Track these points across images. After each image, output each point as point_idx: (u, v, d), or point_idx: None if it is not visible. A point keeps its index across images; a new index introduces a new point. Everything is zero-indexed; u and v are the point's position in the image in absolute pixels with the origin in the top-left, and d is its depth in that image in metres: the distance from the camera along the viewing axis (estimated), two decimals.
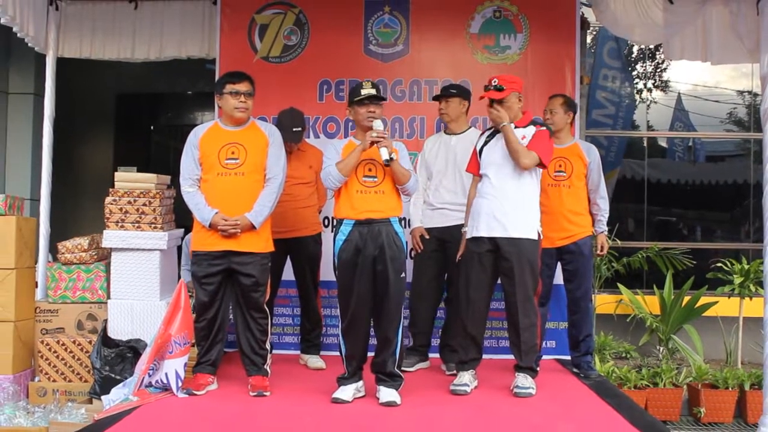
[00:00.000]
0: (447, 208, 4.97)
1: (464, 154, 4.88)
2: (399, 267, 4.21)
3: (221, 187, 4.35)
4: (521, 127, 4.53)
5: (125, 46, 6.01)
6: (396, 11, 5.81)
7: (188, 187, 4.41)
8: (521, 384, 4.45)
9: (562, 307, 5.33)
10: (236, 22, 5.84)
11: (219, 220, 4.27)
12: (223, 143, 4.39)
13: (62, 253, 5.13)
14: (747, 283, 6.55)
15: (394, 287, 4.19)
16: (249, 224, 4.31)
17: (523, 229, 4.46)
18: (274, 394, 4.41)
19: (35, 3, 5.62)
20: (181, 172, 4.45)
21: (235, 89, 4.38)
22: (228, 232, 4.28)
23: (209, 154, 4.38)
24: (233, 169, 4.35)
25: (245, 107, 4.40)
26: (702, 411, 5.92)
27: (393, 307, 4.20)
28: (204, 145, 4.41)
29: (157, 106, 9.78)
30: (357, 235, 4.21)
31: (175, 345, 4.34)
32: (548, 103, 5.11)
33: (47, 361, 4.92)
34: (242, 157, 4.36)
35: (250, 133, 4.45)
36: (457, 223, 4.92)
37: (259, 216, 4.35)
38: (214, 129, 4.49)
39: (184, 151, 4.46)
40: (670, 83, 9.14)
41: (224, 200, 4.32)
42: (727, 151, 9.15)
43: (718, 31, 5.55)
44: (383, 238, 4.18)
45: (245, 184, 4.37)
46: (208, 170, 4.38)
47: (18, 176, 7.90)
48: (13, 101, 8.05)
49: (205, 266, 4.36)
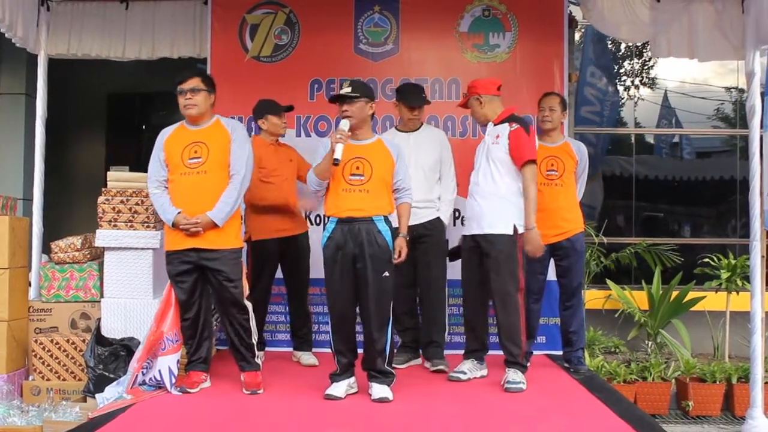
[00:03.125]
0: (417, 206, 4.84)
1: (426, 150, 5.04)
2: (380, 266, 4.23)
3: (184, 187, 4.36)
4: (497, 123, 4.70)
5: (116, 46, 6.04)
6: (386, 10, 5.85)
7: (154, 189, 4.45)
8: (512, 379, 4.52)
9: (552, 303, 5.39)
10: (227, 21, 5.88)
11: (180, 219, 4.30)
12: (186, 143, 4.40)
13: (55, 253, 5.14)
14: (734, 278, 6.62)
15: (374, 286, 4.22)
16: (210, 222, 4.30)
17: (497, 226, 4.58)
18: (268, 391, 4.44)
19: (25, 3, 5.63)
20: (148, 174, 4.50)
21: (180, 88, 4.40)
22: (190, 230, 4.29)
23: (173, 155, 4.40)
24: (195, 168, 4.35)
25: (192, 104, 4.38)
26: (690, 404, 5.99)
27: (374, 306, 4.23)
28: (168, 146, 4.44)
29: (148, 105, 9.79)
30: (339, 232, 4.27)
31: (168, 342, 4.37)
32: (545, 101, 5.12)
33: (41, 360, 4.93)
34: (204, 155, 4.36)
35: (212, 131, 4.45)
36: (425, 220, 5.03)
37: (221, 213, 4.33)
38: (179, 130, 4.50)
39: (152, 153, 4.50)
40: (657, 80, 9.20)
41: (188, 199, 4.34)
42: (714, 147, 9.21)
43: (704, 28, 5.61)
44: (363, 237, 4.22)
45: (207, 183, 4.36)
46: (173, 170, 4.41)
47: (11, 176, 7.88)
48: (4, 101, 8.04)
49: (176, 264, 4.39)
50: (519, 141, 4.58)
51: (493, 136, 4.68)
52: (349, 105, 4.31)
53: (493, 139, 4.66)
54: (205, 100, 4.43)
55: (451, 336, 5.33)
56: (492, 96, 4.76)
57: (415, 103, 5.08)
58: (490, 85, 4.79)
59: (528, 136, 4.61)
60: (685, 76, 9.02)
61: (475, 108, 4.78)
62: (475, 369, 4.81)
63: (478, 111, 4.77)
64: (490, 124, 4.75)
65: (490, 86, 4.79)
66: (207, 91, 4.44)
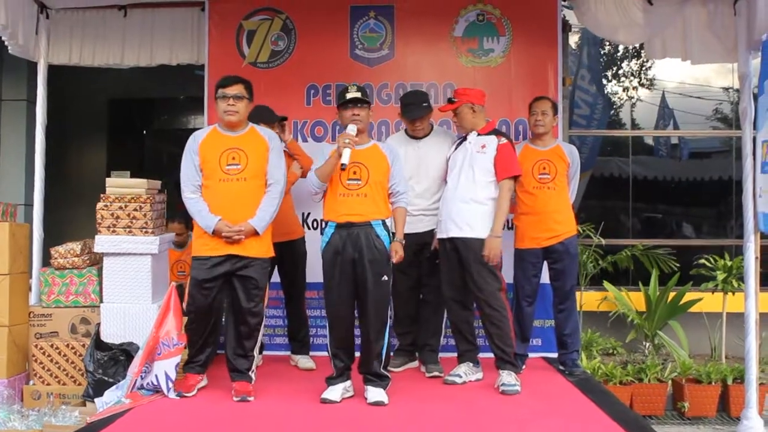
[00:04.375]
0: (423, 214, 5.02)
1: (434, 157, 5.06)
2: (379, 270, 4.28)
3: (223, 193, 4.37)
4: (483, 134, 4.85)
5: (115, 53, 6.08)
6: (381, 16, 5.88)
7: (190, 194, 4.43)
8: (506, 381, 4.58)
9: (547, 306, 5.42)
10: (224, 28, 5.91)
11: (223, 226, 4.30)
12: (223, 149, 4.40)
13: (55, 258, 5.19)
14: (730, 279, 6.64)
15: (373, 290, 4.27)
16: (252, 230, 4.35)
17: (477, 229, 4.69)
18: (264, 395, 4.48)
19: (25, 11, 5.68)
20: (182, 178, 4.47)
21: (224, 93, 4.40)
22: (232, 238, 4.32)
23: (210, 160, 4.40)
24: (235, 174, 4.37)
25: (234, 110, 4.41)
26: (686, 405, 6.02)
27: (372, 310, 4.28)
28: (204, 150, 4.43)
29: (149, 110, 9.84)
30: (337, 237, 4.33)
31: (163, 347, 4.41)
32: (537, 105, 5.18)
33: (41, 364, 4.97)
34: (243, 162, 4.38)
35: (250, 138, 4.48)
36: (432, 228, 5.07)
37: (262, 222, 4.39)
38: (213, 134, 4.51)
39: (183, 156, 4.47)
40: (655, 81, 9.22)
41: (227, 206, 4.36)
42: (712, 147, 9.22)
43: (697, 31, 5.65)
44: (362, 242, 4.27)
45: (247, 190, 4.40)
46: (209, 176, 4.41)
47: (12, 182, 7.95)
48: (6, 108, 8.11)
49: (207, 270, 4.37)
50: (506, 155, 4.77)
51: (477, 145, 4.81)
52: (360, 109, 4.38)
53: (478, 148, 4.80)
54: (245, 107, 4.48)
55: (447, 339, 5.36)
56: (482, 107, 4.91)
57: (412, 116, 5.08)
58: (481, 96, 4.93)
59: (513, 152, 4.85)
60: (683, 77, 9.03)
61: (466, 115, 4.88)
62: (471, 372, 4.87)
63: (469, 119, 4.88)
64: (474, 132, 4.86)
65: (481, 97, 4.93)
66: (248, 99, 4.49)
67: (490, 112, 5.54)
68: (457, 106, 4.88)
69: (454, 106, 4.88)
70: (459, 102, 4.87)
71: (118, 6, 5.99)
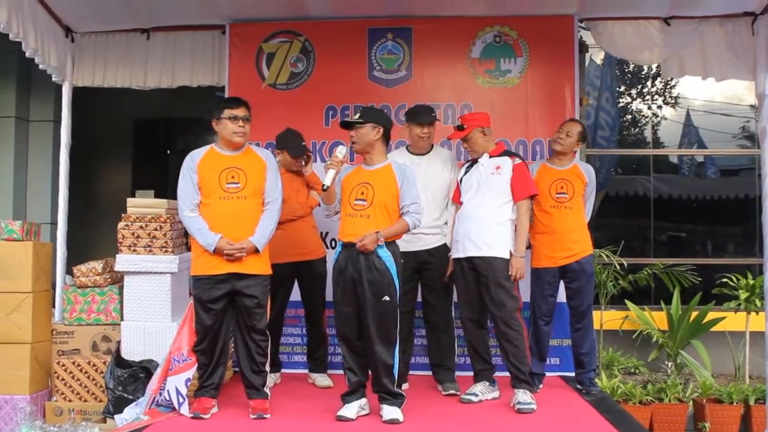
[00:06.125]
0: (423, 233, 5.00)
1: (434, 175, 5.13)
2: (380, 290, 4.30)
3: (223, 212, 4.42)
4: (495, 156, 4.90)
5: (138, 75, 6.21)
6: (399, 38, 5.94)
7: (189, 212, 4.47)
8: (522, 400, 4.58)
9: (565, 325, 5.41)
10: (244, 50, 6.01)
11: (224, 244, 4.33)
12: (222, 168, 4.46)
13: (77, 277, 5.29)
14: (752, 298, 6.58)
15: (374, 310, 4.29)
16: (253, 248, 4.39)
17: (497, 249, 4.74)
18: (281, 413, 4.51)
19: (55, 36, 5.84)
20: (180, 197, 4.50)
21: (234, 114, 4.46)
22: (234, 256, 4.36)
23: (209, 179, 4.45)
24: (235, 193, 4.42)
25: (243, 132, 4.48)
26: (707, 426, 5.95)
27: (375, 329, 4.30)
28: (202, 169, 4.47)
29: (173, 130, 9.97)
30: (342, 257, 4.41)
31: (174, 362, 4.47)
32: (566, 125, 5.21)
33: (63, 381, 5.07)
34: (243, 181, 4.44)
35: (248, 158, 4.54)
36: (431, 247, 5.10)
37: (263, 239, 4.44)
38: (212, 153, 4.55)
39: (181, 175, 4.51)
40: (680, 99, 9.20)
41: (227, 224, 4.40)
42: (738, 165, 9.17)
43: (716, 49, 5.68)
44: (362, 262, 4.31)
45: (247, 208, 4.46)
46: (209, 194, 4.45)
47: (40, 201, 8.09)
48: (34, 128, 8.27)
49: (209, 290, 4.40)
50: (522, 176, 4.85)
51: (491, 167, 4.85)
52: (355, 131, 4.45)
53: (492, 169, 4.84)
54: (249, 129, 4.56)
55: (464, 358, 5.37)
56: (490, 129, 4.97)
57: (424, 120, 5.15)
58: (488, 119, 4.99)
59: (528, 172, 4.93)
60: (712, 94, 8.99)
61: (478, 140, 4.92)
62: (487, 391, 4.88)
63: (480, 143, 4.92)
64: (486, 155, 4.91)
65: (488, 119, 4.99)
66: (250, 121, 4.57)
67: (508, 132, 5.64)
68: (468, 132, 4.90)
69: (465, 132, 4.91)
70: (470, 128, 4.90)
71: (141, 29, 6.12)
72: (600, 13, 5.77)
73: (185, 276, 5.37)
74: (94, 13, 5.86)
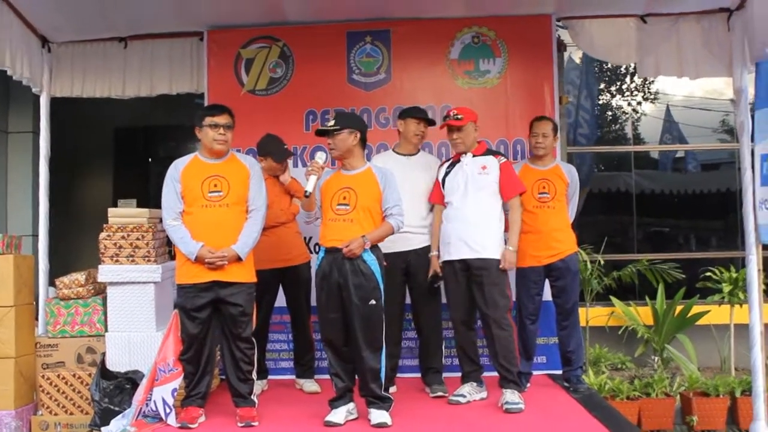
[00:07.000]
0: (410, 232, 4.96)
1: (419, 176, 5.11)
2: (366, 295, 4.31)
3: (206, 220, 4.40)
4: (479, 155, 4.91)
5: (116, 84, 6.16)
6: (377, 41, 5.93)
7: (172, 221, 4.46)
8: (510, 400, 4.59)
9: (551, 323, 5.42)
10: (222, 57, 5.98)
11: (206, 252, 4.31)
12: (205, 176, 4.44)
13: (60, 289, 5.24)
14: (736, 291, 6.63)
15: (359, 314, 4.30)
16: (236, 256, 4.37)
17: (489, 249, 4.74)
18: (269, 420, 4.50)
19: (30, 47, 5.77)
20: (164, 206, 4.50)
21: (214, 122, 4.44)
22: (215, 264, 4.35)
23: (192, 187, 4.43)
24: (217, 201, 4.40)
25: (224, 139, 4.46)
26: (694, 419, 5.98)
27: (361, 333, 4.30)
28: (185, 178, 4.46)
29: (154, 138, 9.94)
30: (325, 262, 4.40)
31: (160, 373, 4.44)
32: (538, 126, 5.20)
33: (48, 395, 5.02)
34: (225, 189, 4.42)
35: (231, 166, 4.52)
36: (418, 247, 5.08)
37: (245, 247, 4.42)
38: (195, 162, 4.54)
39: (165, 184, 4.49)
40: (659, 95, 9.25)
41: (209, 232, 4.38)
42: (718, 159, 9.23)
43: (693, 47, 5.67)
44: (347, 267, 4.31)
45: (230, 216, 4.44)
46: (192, 203, 4.43)
47: (20, 213, 8.02)
48: (12, 140, 8.21)
49: (192, 298, 4.38)
50: (510, 174, 4.89)
51: (477, 167, 4.85)
52: (332, 138, 4.45)
53: (478, 169, 4.84)
54: (231, 137, 4.55)
55: (451, 359, 5.37)
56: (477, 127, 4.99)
57: (422, 115, 5.19)
58: (477, 117, 4.98)
59: (514, 170, 4.97)
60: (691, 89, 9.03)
61: (470, 134, 4.90)
62: (475, 392, 4.88)
63: (472, 137, 4.92)
64: (469, 154, 4.90)
65: (477, 118, 4.98)
66: (232, 129, 4.55)
67: (488, 132, 5.63)
68: (465, 123, 4.86)
69: (463, 122, 4.85)
70: (466, 119, 4.86)
71: (118, 38, 6.08)
72: (577, 12, 5.77)
73: (169, 285, 5.33)
74: (70, 23, 5.82)
